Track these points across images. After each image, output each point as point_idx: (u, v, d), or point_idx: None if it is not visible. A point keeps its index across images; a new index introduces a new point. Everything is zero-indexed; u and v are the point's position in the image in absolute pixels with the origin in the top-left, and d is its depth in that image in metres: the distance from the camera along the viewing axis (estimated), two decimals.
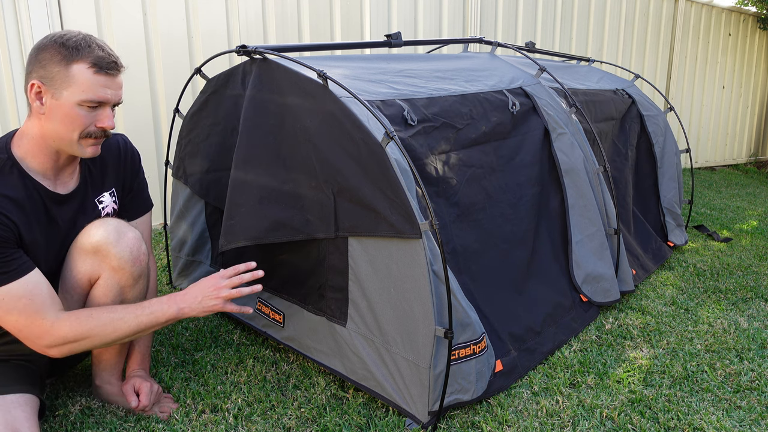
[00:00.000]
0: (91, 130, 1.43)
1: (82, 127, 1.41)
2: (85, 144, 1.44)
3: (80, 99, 1.37)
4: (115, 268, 1.48)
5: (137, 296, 1.57)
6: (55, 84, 1.36)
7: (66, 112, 1.38)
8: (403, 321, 1.59)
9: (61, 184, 1.50)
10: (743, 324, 2.38)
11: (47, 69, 1.37)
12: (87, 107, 1.39)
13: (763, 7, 6.96)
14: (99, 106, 1.42)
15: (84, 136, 1.42)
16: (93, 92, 1.39)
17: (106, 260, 1.47)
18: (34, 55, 1.39)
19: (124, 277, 1.50)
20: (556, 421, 1.68)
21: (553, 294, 2.22)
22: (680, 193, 3.43)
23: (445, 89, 2.08)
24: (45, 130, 1.40)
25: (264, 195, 1.79)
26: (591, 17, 5.52)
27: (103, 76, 1.40)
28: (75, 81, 1.37)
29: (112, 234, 1.47)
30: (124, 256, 1.48)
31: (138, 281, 1.54)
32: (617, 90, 3.24)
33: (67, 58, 1.36)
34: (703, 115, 6.89)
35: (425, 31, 4.35)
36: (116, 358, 1.65)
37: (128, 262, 1.49)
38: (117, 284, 1.50)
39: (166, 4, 3.21)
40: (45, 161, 1.44)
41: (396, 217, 1.54)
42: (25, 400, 1.40)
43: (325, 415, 1.67)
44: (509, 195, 2.16)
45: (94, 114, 1.42)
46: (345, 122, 1.62)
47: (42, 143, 1.42)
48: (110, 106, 1.45)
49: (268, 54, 1.84)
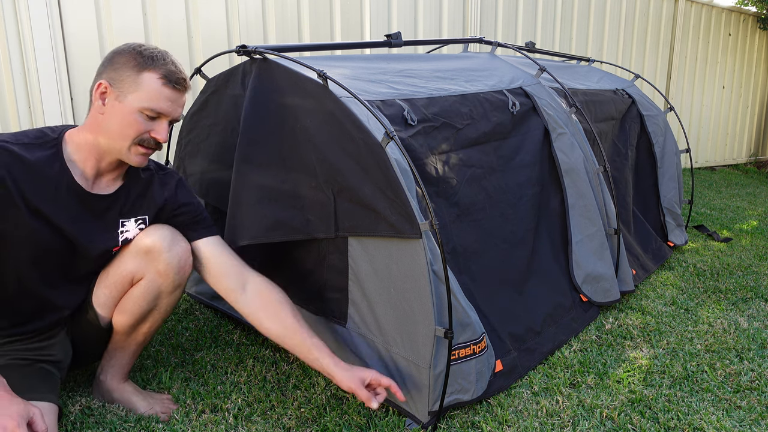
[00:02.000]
0: (145, 138, 1.46)
1: (137, 133, 1.44)
2: (135, 152, 1.47)
3: (143, 106, 1.42)
4: (161, 272, 1.53)
5: (171, 304, 1.62)
6: (122, 87, 1.41)
7: (125, 115, 1.42)
8: (403, 321, 1.59)
9: (95, 188, 1.51)
10: (743, 324, 2.38)
11: (119, 72, 1.42)
12: (146, 115, 1.44)
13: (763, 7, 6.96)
14: (158, 117, 1.46)
15: (136, 143, 1.46)
16: (156, 102, 1.43)
17: (154, 263, 1.52)
18: (109, 58, 1.44)
19: (166, 282, 1.55)
20: (556, 421, 1.68)
21: (553, 294, 2.22)
22: (680, 193, 3.43)
23: (445, 89, 2.08)
24: (100, 129, 1.44)
25: (264, 195, 1.79)
26: (591, 17, 5.51)
27: (169, 89, 1.45)
28: (142, 87, 1.41)
29: (167, 239, 1.53)
30: (172, 263, 1.53)
31: (176, 290, 1.59)
32: (617, 90, 3.24)
33: (140, 65, 1.41)
34: (703, 115, 6.89)
35: (425, 31, 4.35)
36: (131, 355, 1.67)
37: (174, 269, 1.54)
38: (158, 288, 1.55)
39: (166, 4, 3.21)
40: (87, 158, 1.47)
41: (396, 217, 1.54)
42: (50, 409, 1.42)
43: (325, 415, 1.67)
44: (509, 195, 2.16)
45: (151, 124, 1.45)
46: (345, 122, 1.62)
47: (92, 141, 1.46)
48: (168, 120, 1.48)
49: (268, 54, 1.84)
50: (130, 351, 1.67)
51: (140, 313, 1.58)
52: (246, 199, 1.81)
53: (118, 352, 1.66)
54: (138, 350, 1.69)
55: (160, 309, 1.60)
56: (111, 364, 1.67)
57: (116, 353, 1.66)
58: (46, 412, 1.39)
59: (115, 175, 1.55)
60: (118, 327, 1.61)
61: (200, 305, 2.39)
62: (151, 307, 1.58)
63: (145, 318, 1.60)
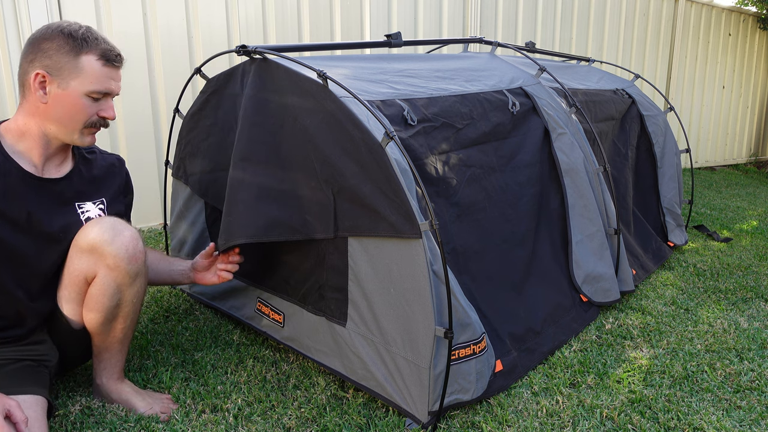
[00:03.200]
0: (94, 120, 1.48)
1: (87, 117, 1.46)
2: (87, 133, 1.49)
3: (88, 90, 1.42)
4: (111, 266, 1.47)
5: (135, 294, 1.57)
6: (62, 74, 1.40)
7: (72, 102, 1.42)
8: (403, 321, 1.59)
9: (46, 173, 1.51)
10: (743, 324, 2.38)
11: (54, 59, 1.40)
12: (93, 98, 1.44)
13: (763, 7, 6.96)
14: (103, 97, 1.47)
15: (87, 126, 1.47)
16: (101, 83, 1.44)
17: (102, 259, 1.47)
18: (36, 45, 1.41)
19: (121, 275, 1.49)
20: (556, 421, 1.68)
21: (553, 294, 2.22)
22: (680, 193, 3.43)
23: (445, 89, 2.08)
24: (46, 118, 1.44)
25: (263, 194, 1.79)
26: (591, 17, 5.51)
27: (109, 68, 1.46)
28: (84, 72, 1.41)
29: (108, 232, 1.46)
30: (119, 254, 1.46)
31: (136, 279, 1.53)
32: (617, 90, 3.24)
33: (76, 49, 1.40)
34: (703, 115, 6.89)
35: (425, 31, 4.35)
36: (117, 354, 1.65)
37: (124, 260, 1.48)
38: (114, 282, 1.50)
39: (166, 4, 3.21)
40: (33, 147, 1.47)
41: (396, 217, 1.54)
42: (36, 401, 1.41)
43: (325, 415, 1.67)
44: (509, 195, 2.16)
45: (98, 104, 1.47)
46: (345, 122, 1.62)
47: (36, 130, 1.45)
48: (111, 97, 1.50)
49: (268, 54, 1.84)
50: (115, 350, 1.64)
51: (107, 310, 1.53)
52: (243, 198, 1.81)
53: (103, 353, 1.63)
54: (123, 348, 1.65)
55: (126, 302, 1.55)
56: (102, 366, 1.66)
57: (102, 354, 1.64)
58: (30, 404, 1.37)
59: (63, 157, 1.55)
60: (90, 328, 1.57)
61: (200, 305, 2.39)
62: (115, 302, 1.53)
63: (115, 314, 1.56)
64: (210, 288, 2.28)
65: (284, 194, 1.77)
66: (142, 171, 3.28)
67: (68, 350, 1.64)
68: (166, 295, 2.48)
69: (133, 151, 3.23)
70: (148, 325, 2.20)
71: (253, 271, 2.08)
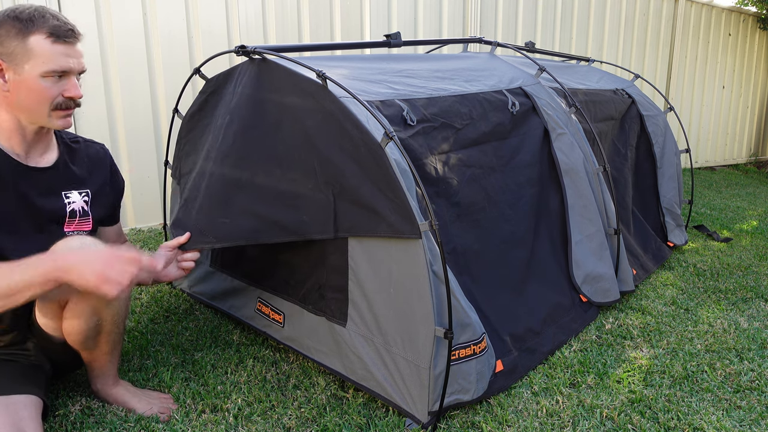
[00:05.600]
0: (60, 101, 1.41)
1: (50, 100, 1.39)
2: (56, 116, 1.42)
3: (43, 71, 1.35)
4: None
5: (115, 312, 1.50)
6: (15, 59, 1.34)
7: (31, 86, 1.36)
8: (403, 321, 1.59)
9: (31, 161, 1.48)
10: (743, 324, 2.38)
11: (4, 45, 1.35)
12: (51, 78, 1.37)
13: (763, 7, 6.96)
14: (63, 75, 1.40)
15: (54, 108, 1.41)
16: (54, 62, 1.37)
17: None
18: None
19: (93, 298, 1.39)
20: (556, 421, 1.68)
21: (553, 294, 2.22)
22: (680, 193, 3.43)
23: (444, 89, 2.08)
24: (13, 106, 1.39)
25: (262, 194, 1.79)
26: (591, 17, 5.51)
27: (61, 45, 1.38)
28: (34, 53, 1.34)
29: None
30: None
31: (112, 300, 1.43)
32: (617, 90, 3.24)
33: (23, 31, 1.34)
34: (703, 115, 6.89)
35: (425, 31, 4.35)
36: (108, 364, 1.63)
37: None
38: (88, 306, 1.42)
39: (166, 4, 3.21)
40: (12, 135, 1.43)
41: (396, 217, 1.54)
42: (30, 401, 1.40)
43: (325, 415, 1.67)
44: (509, 195, 2.16)
45: (60, 85, 1.40)
46: (344, 122, 1.62)
47: (9, 119, 1.41)
48: (75, 75, 1.42)
49: (268, 54, 1.84)
50: (104, 360, 1.60)
51: (86, 332, 1.47)
52: (242, 199, 1.81)
53: (93, 364, 1.61)
54: (113, 357, 1.62)
55: (106, 321, 1.48)
56: (95, 374, 1.64)
57: (92, 365, 1.62)
58: (24, 404, 1.37)
59: (45, 145, 1.51)
60: (73, 345, 1.51)
61: (200, 305, 2.39)
62: (93, 324, 1.46)
63: (97, 332, 1.49)
64: (210, 288, 2.28)
65: (283, 195, 1.77)
66: (141, 171, 3.28)
67: (57, 359, 1.61)
68: (166, 295, 2.48)
69: (132, 151, 3.23)
70: (148, 325, 2.20)
71: (253, 271, 2.08)
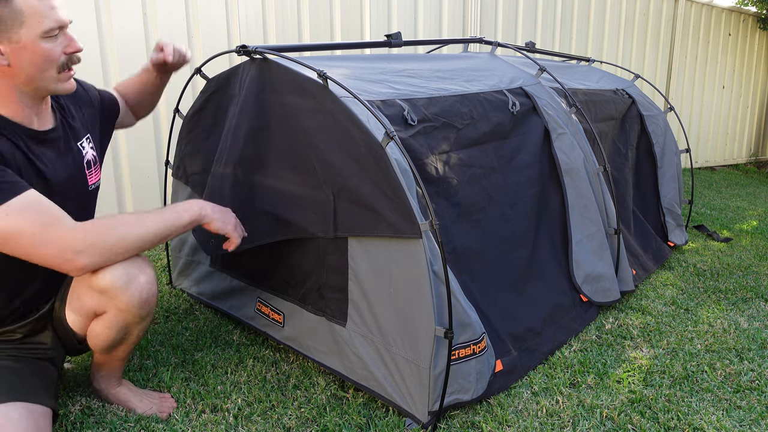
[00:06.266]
0: (63, 60, 1.36)
1: (55, 59, 1.34)
2: (64, 78, 1.39)
3: (42, 30, 1.29)
4: (122, 309, 1.43)
5: (142, 331, 1.54)
6: (7, 28, 1.27)
7: (33, 51, 1.30)
8: (403, 321, 1.59)
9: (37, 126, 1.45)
10: (743, 324, 2.38)
11: None
12: (50, 38, 1.32)
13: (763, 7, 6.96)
14: (59, 32, 1.34)
15: (60, 71, 1.37)
16: (50, 18, 1.31)
17: (113, 301, 1.42)
18: None
19: (130, 316, 1.46)
20: (556, 421, 1.68)
21: (553, 294, 2.22)
22: (680, 193, 3.43)
23: (445, 89, 2.08)
24: (16, 79, 1.33)
25: (273, 195, 1.79)
26: (591, 17, 5.51)
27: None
28: (26, 14, 1.28)
29: (122, 278, 1.39)
30: (132, 301, 1.42)
31: (145, 319, 1.50)
32: (617, 90, 3.24)
33: None
34: (703, 115, 6.89)
35: (425, 31, 4.35)
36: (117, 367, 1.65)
37: (136, 306, 1.43)
38: (123, 321, 1.47)
39: (166, 4, 3.21)
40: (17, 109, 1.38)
41: (396, 217, 1.54)
42: (45, 413, 1.40)
43: (325, 415, 1.67)
44: (509, 195, 2.16)
45: (58, 43, 1.34)
46: (345, 122, 1.62)
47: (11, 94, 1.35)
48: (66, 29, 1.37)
49: (268, 54, 1.84)
50: (116, 365, 1.64)
51: (111, 341, 1.51)
52: (257, 201, 1.81)
53: (104, 365, 1.63)
54: (123, 363, 1.65)
55: (132, 335, 1.53)
56: (100, 375, 1.65)
57: (102, 366, 1.63)
58: (40, 414, 1.37)
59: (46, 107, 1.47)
60: (92, 347, 1.55)
61: (200, 305, 2.39)
62: (121, 336, 1.51)
63: (120, 343, 1.54)
64: (210, 288, 2.28)
65: (283, 194, 1.77)
66: (142, 171, 3.28)
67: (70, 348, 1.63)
68: (166, 295, 2.48)
69: (133, 151, 3.23)
70: None
71: (253, 271, 2.08)
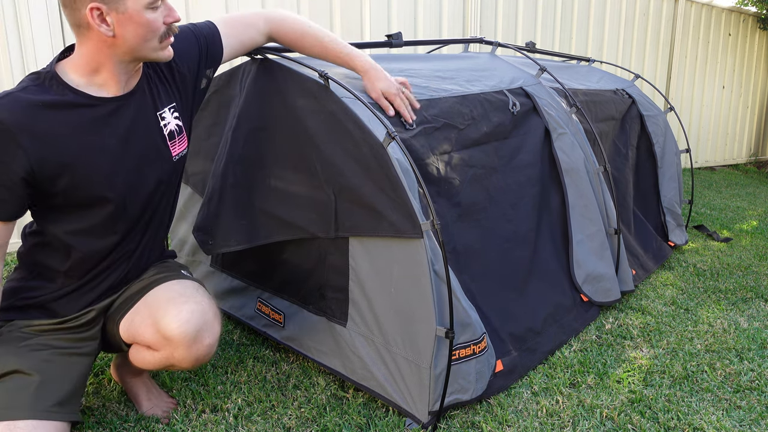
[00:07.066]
0: (163, 30, 1.39)
1: (158, 29, 1.36)
2: (164, 47, 1.41)
3: (147, 1, 1.32)
4: (177, 359, 1.44)
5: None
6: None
7: (138, 22, 1.33)
8: (403, 321, 1.59)
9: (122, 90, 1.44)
10: (743, 324, 2.38)
11: None
12: (153, 8, 1.35)
13: (763, 7, 6.96)
14: (161, 2, 1.37)
15: (161, 40, 1.39)
16: None
17: (171, 349, 1.42)
18: None
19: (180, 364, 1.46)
20: (556, 421, 1.68)
21: (554, 294, 2.22)
22: (680, 193, 3.43)
23: (445, 89, 2.08)
24: (117, 49, 1.35)
25: (273, 194, 1.79)
26: (591, 17, 5.51)
27: None
28: None
29: (190, 334, 1.40)
30: (189, 358, 1.43)
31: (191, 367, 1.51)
32: (617, 90, 3.24)
33: None
34: (703, 115, 6.89)
35: (425, 31, 4.35)
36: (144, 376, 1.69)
37: (191, 363, 1.44)
38: (170, 364, 1.47)
39: None
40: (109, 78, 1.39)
41: (397, 216, 1.54)
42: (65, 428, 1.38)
43: (325, 415, 1.67)
44: (510, 195, 2.16)
45: (160, 13, 1.37)
46: (346, 122, 1.62)
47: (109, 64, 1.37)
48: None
49: (269, 54, 1.84)
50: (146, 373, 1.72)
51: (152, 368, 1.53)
52: (256, 200, 1.81)
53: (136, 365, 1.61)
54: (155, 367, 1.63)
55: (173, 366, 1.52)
56: (129, 369, 1.69)
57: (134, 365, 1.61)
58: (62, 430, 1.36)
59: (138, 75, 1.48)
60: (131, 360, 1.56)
61: None
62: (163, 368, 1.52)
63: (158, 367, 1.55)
64: (210, 288, 2.27)
65: (284, 194, 1.77)
66: None
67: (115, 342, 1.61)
68: None
69: None
70: None
71: (253, 271, 2.08)
